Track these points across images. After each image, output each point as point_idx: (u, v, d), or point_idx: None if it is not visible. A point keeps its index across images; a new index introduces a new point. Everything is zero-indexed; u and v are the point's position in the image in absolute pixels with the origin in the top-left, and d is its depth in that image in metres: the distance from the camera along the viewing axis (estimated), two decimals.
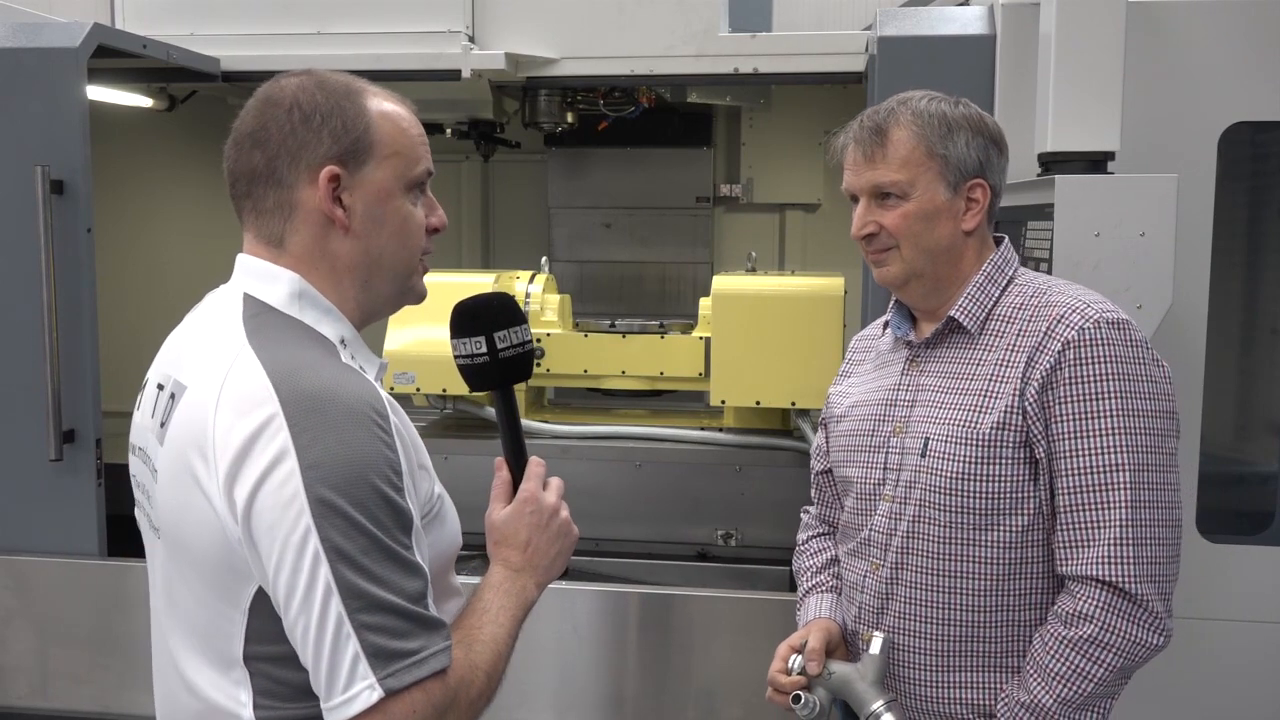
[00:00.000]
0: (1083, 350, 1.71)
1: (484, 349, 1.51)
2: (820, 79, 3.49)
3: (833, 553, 2.06)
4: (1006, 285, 1.85)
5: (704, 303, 3.43)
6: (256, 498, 1.24)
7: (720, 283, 3.32)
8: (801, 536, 2.17)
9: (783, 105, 4.48)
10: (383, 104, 1.43)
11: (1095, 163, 2.35)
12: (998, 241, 1.90)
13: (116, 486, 2.83)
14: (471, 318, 1.53)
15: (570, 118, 4.15)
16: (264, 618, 1.30)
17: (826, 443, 2.07)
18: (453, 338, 1.54)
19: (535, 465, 1.54)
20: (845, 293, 3.25)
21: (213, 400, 1.29)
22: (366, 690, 1.22)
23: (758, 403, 3.26)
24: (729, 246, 4.70)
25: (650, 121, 4.26)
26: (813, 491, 2.17)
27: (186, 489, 1.31)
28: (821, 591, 2.02)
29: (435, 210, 1.49)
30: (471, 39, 3.50)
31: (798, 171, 4.53)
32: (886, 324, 2.00)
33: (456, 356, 1.54)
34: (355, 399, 1.29)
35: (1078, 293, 1.80)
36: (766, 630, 2.60)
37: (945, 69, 2.66)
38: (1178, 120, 2.54)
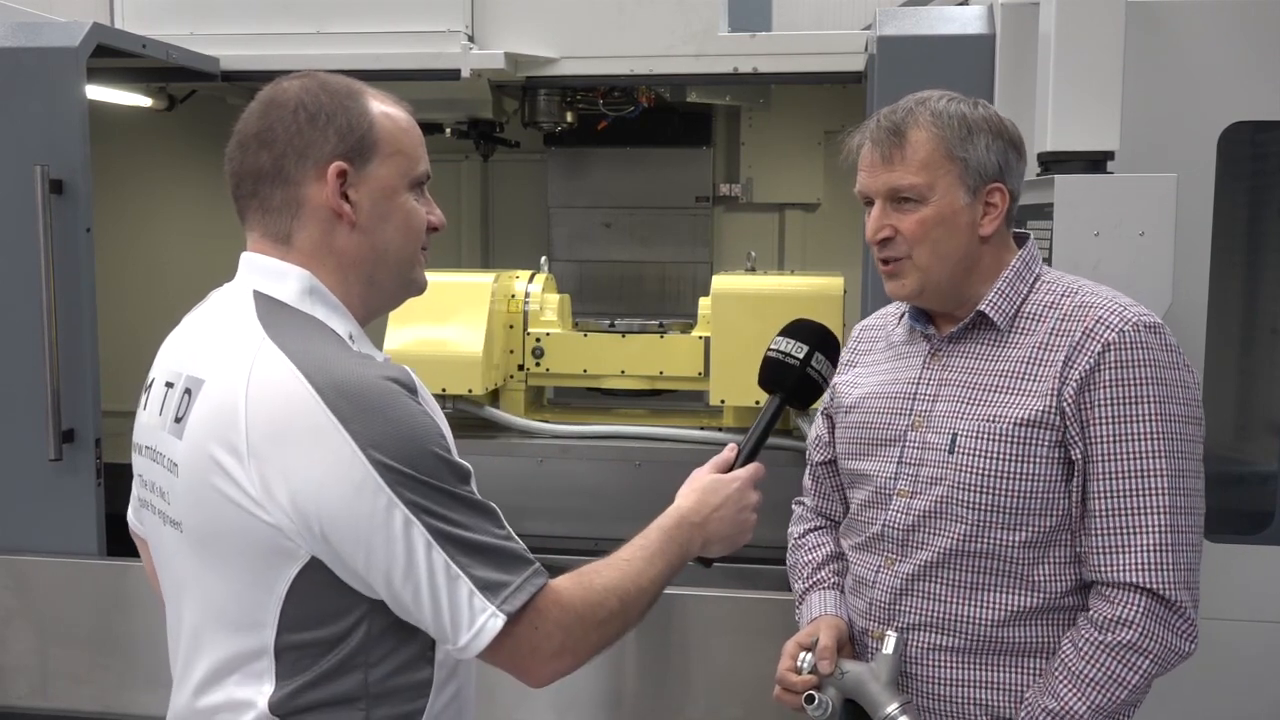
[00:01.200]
0: (1123, 353, 1.68)
1: (801, 355, 1.75)
2: (820, 79, 3.50)
3: (831, 548, 2.02)
4: (1034, 282, 1.82)
5: (704, 302, 3.43)
6: (323, 493, 1.28)
7: (720, 282, 3.32)
8: (796, 530, 2.10)
9: (782, 105, 4.47)
10: (383, 105, 1.48)
11: (1095, 162, 2.35)
12: (1020, 240, 1.86)
13: (116, 486, 2.83)
14: (809, 331, 1.78)
15: (570, 117, 4.15)
16: (298, 603, 1.33)
17: (830, 434, 2.02)
18: (781, 335, 1.79)
19: (757, 468, 1.73)
20: (845, 292, 3.24)
21: (240, 393, 1.31)
22: (491, 619, 1.32)
23: (757, 402, 3.25)
24: (729, 246, 4.68)
25: (650, 121, 4.26)
26: (808, 482, 2.11)
27: (215, 480, 1.33)
28: (824, 588, 1.98)
29: (434, 210, 1.54)
30: (471, 39, 3.50)
31: (797, 171, 4.53)
32: (903, 315, 1.93)
33: (773, 350, 1.78)
34: (386, 380, 1.34)
35: (1110, 294, 1.77)
36: (767, 630, 2.59)
37: (945, 69, 2.65)
38: (1177, 120, 2.54)
